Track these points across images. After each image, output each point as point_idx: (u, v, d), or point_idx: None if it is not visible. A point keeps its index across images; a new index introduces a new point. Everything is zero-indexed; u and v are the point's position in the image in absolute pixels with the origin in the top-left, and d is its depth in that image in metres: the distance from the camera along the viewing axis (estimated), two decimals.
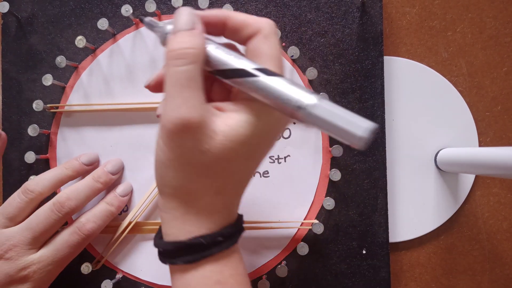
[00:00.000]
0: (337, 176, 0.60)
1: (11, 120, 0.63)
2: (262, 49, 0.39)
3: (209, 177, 0.39)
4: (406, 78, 0.65)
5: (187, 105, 0.36)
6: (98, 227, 0.57)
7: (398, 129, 0.65)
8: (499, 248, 0.65)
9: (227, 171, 0.39)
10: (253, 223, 0.61)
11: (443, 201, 0.65)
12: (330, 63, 0.62)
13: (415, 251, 0.65)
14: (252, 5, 0.62)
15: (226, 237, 0.41)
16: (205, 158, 0.38)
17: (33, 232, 0.54)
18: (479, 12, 0.66)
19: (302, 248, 0.59)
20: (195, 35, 0.38)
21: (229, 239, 0.41)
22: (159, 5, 0.62)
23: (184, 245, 0.40)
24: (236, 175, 0.41)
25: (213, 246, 0.40)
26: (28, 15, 0.63)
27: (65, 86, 0.63)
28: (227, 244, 0.41)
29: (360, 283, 0.61)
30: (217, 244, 0.40)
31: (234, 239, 0.42)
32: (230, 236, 0.41)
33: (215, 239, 0.40)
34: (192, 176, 0.39)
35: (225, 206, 0.42)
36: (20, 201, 0.55)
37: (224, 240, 0.40)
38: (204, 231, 0.40)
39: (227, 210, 0.42)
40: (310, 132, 0.61)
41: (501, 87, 0.66)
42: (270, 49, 0.39)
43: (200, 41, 0.38)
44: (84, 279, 0.61)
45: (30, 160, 0.61)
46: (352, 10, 0.62)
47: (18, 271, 0.53)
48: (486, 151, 0.53)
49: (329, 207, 0.60)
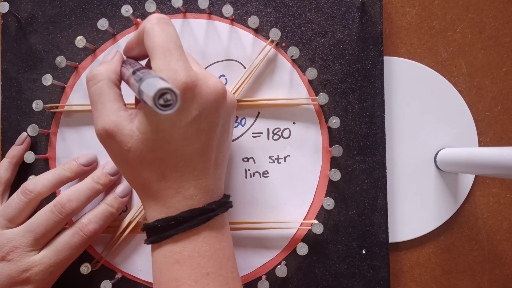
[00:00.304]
0: (336, 176, 0.60)
1: (11, 120, 0.63)
2: (146, 45, 0.44)
3: (144, 168, 0.45)
4: (406, 78, 0.65)
5: (101, 116, 0.44)
6: (100, 228, 0.57)
7: (398, 129, 0.65)
8: (498, 248, 0.65)
9: (158, 159, 0.44)
10: (252, 223, 0.61)
11: (443, 201, 0.65)
12: (330, 63, 0.62)
13: (415, 251, 0.65)
14: (252, 5, 0.62)
15: (179, 221, 0.45)
16: (132, 154, 0.44)
17: (34, 234, 0.54)
18: (479, 12, 0.66)
19: (302, 248, 0.59)
20: (103, 64, 0.47)
21: (184, 223, 0.45)
22: (159, 5, 0.62)
23: (148, 228, 0.47)
24: (169, 161, 0.45)
25: (169, 229, 0.45)
26: (28, 15, 0.63)
27: (65, 86, 0.63)
28: (183, 227, 0.45)
29: (359, 283, 0.61)
30: (172, 227, 0.45)
31: (192, 223, 0.45)
32: (185, 220, 0.45)
33: (168, 223, 0.45)
34: (134, 171, 0.46)
35: (176, 191, 0.46)
36: (19, 201, 0.55)
37: (178, 224, 0.45)
38: (161, 216, 0.46)
39: (181, 195, 0.46)
40: (310, 132, 0.61)
41: (501, 87, 0.66)
42: (150, 42, 0.43)
43: (106, 67, 0.47)
44: (84, 279, 0.61)
45: (30, 160, 0.61)
46: (352, 10, 0.62)
47: (20, 272, 0.53)
48: (486, 151, 0.53)
49: (329, 207, 0.60)
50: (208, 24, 0.62)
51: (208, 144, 0.46)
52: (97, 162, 0.62)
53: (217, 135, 0.47)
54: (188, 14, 0.62)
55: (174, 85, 0.41)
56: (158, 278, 0.47)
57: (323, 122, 0.61)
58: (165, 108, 0.36)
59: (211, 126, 0.45)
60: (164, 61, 0.42)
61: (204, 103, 0.44)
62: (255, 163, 0.62)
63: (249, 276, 0.61)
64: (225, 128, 0.49)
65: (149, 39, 0.44)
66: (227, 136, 0.50)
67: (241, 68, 0.62)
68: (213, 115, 0.45)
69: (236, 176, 0.62)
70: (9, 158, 0.61)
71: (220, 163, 0.49)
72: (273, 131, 0.62)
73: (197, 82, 0.43)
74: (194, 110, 0.43)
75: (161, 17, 0.44)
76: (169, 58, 0.42)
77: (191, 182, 0.46)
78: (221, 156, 0.49)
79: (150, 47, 0.43)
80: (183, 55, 0.43)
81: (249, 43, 0.62)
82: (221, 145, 0.48)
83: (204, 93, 0.43)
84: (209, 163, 0.47)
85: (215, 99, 0.45)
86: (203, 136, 0.45)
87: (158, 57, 0.42)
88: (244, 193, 0.62)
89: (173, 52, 0.43)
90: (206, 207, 0.46)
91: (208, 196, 0.47)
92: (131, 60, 0.49)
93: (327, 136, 0.62)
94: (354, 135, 0.61)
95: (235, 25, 0.62)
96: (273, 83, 0.62)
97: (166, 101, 0.36)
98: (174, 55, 0.42)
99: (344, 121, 0.62)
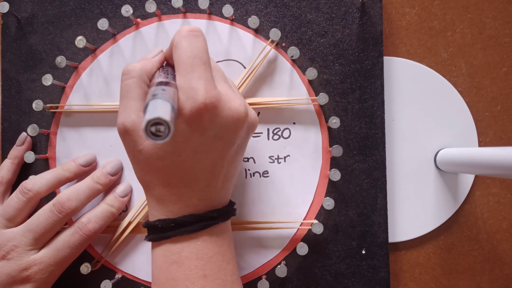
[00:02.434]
0: (336, 176, 0.60)
1: (11, 120, 0.63)
2: (173, 59, 0.44)
3: (152, 171, 0.46)
4: (406, 79, 0.65)
5: (124, 112, 0.45)
6: (99, 227, 0.57)
7: (398, 129, 0.65)
8: (498, 248, 0.66)
9: (165, 168, 0.45)
10: (252, 223, 0.61)
11: (443, 201, 0.65)
12: (330, 64, 0.62)
13: (415, 251, 0.65)
14: (253, 5, 0.62)
15: (179, 224, 0.46)
16: (143, 156, 0.45)
17: (34, 233, 0.54)
18: (479, 13, 0.66)
19: (302, 248, 0.59)
20: (141, 61, 0.47)
21: (183, 227, 0.46)
22: (159, 6, 0.62)
23: (149, 226, 0.48)
24: (176, 172, 0.45)
25: (169, 230, 0.46)
26: (28, 15, 0.63)
27: (65, 86, 0.63)
28: (182, 231, 0.46)
29: (359, 283, 0.61)
30: (172, 229, 0.46)
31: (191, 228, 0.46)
32: (185, 224, 0.46)
33: (168, 224, 0.46)
34: (142, 170, 0.47)
35: (179, 199, 0.46)
36: (18, 201, 0.56)
37: (177, 226, 0.46)
38: (162, 217, 0.47)
39: (183, 203, 0.46)
40: (310, 132, 0.62)
41: (500, 87, 0.66)
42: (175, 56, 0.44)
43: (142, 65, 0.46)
44: (84, 279, 0.61)
45: (30, 160, 0.61)
46: (352, 11, 0.62)
47: (20, 271, 0.53)
48: (485, 151, 0.53)
49: (329, 207, 0.60)
50: (208, 24, 0.62)
51: (219, 162, 0.46)
52: (96, 163, 0.62)
53: (231, 154, 0.47)
54: (188, 14, 0.62)
55: (192, 104, 0.41)
56: (157, 277, 0.47)
57: (323, 122, 0.62)
58: (154, 137, 0.36)
59: (226, 146, 0.45)
60: (185, 79, 0.42)
61: (222, 125, 0.44)
62: (255, 163, 0.62)
63: (249, 276, 0.61)
64: (240, 148, 0.49)
65: (175, 52, 0.44)
66: (241, 154, 0.50)
67: (241, 68, 0.62)
68: (230, 136, 0.45)
69: None
70: (11, 159, 0.61)
71: (230, 178, 0.49)
72: (273, 131, 0.62)
73: (217, 104, 0.42)
74: (210, 130, 0.43)
75: (191, 29, 0.44)
76: (191, 75, 0.42)
77: (195, 193, 0.46)
78: (231, 171, 0.49)
79: (176, 61, 0.44)
80: (208, 71, 0.43)
81: (249, 43, 0.62)
82: (233, 162, 0.48)
83: (223, 114, 0.43)
84: (217, 178, 0.47)
85: (234, 122, 0.44)
86: (215, 155, 0.45)
87: (180, 74, 0.43)
88: (244, 193, 0.62)
89: (196, 68, 0.42)
90: (207, 215, 0.47)
91: (211, 205, 0.48)
92: (171, 69, 0.48)
93: (327, 136, 0.62)
94: (354, 135, 0.62)
95: (235, 25, 0.62)
96: (273, 83, 0.62)
97: (158, 131, 0.35)
98: (196, 72, 0.42)
99: (344, 121, 0.62)
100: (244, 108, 0.45)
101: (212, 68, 0.45)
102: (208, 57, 0.44)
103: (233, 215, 0.51)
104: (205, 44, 0.45)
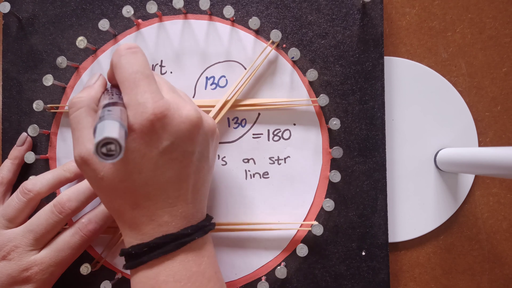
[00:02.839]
0: (337, 178, 0.60)
1: (11, 120, 0.63)
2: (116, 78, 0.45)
3: (118, 196, 0.45)
4: (406, 79, 0.65)
5: (78, 143, 0.45)
6: (100, 228, 0.57)
7: (398, 129, 0.65)
8: (498, 248, 0.66)
9: (129, 189, 0.44)
10: (252, 224, 0.61)
11: (443, 201, 0.65)
12: (331, 65, 0.62)
13: (415, 251, 0.66)
14: (253, 6, 0.62)
15: (153, 247, 0.45)
16: (105, 182, 0.44)
17: (34, 233, 0.54)
18: (479, 13, 0.66)
19: (302, 249, 0.59)
20: (85, 90, 0.48)
21: (158, 249, 0.45)
22: (160, 6, 0.62)
23: (124, 254, 0.47)
24: (141, 190, 0.44)
25: (143, 255, 0.45)
26: (29, 15, 0.63)
27: (66, 87, 0.63)
28: (157, 254, 0.45)
29: (359, 284, 0.61)
30: (145, 254, 0.45)
31: (165, 249, 0.45)
32: (159, 246, 0.45)
33: (142, 249, 0.45)
34: (108, 197, 0.46)
35: (150, 219, 0.45)
36: (18, 201, 0.56)
37: (151, 250, 0.45)
38: (136, 242, 0.46)
39: (155, 222, 0.45)
40: (310, 133, 0.62)
41: (500, 87, 0.66)
42: (117, 76, 0.44)
43: (86, 93, 0.47)
44: (84, 280, 0.61)
45: (30, 160, 0.61)
46: (352, 12, 0.62)
47: (20, 272, 0.54)
48: (485, 151, 0.53)
49: (329, 209, 0.60)
50: (209, 25, 0.62)
51: (183, 172, 0.45)
52: None
53: (194, 163, 0.46)
54: (189, 15, 0.62)
55: (142, 118, 0.41)
56: None
57: (323, 123, 0.62)
58: (107, 157, 0.35)
59: (185, 154, 0.45)
60: (130, 95, 0.42)
61: (175, 133, 0.43)
62: (255, 164, 0.62)
63: (248, 277, 0.61)
64: (203, 155, 0.48)
65: (117, 72, 0.44)
66: (206, 162, 0.49)
67: (242, 69, 0.62)
68: (187, 144, 0.45)
69: (236, 177, 0.62)
70: (12, 159, 0.61)
71: (200, 188, 0.49)
72: (273, 132, 0.62)
73: (167, 112, 0.42)
74: (165, 140, 0.43)
75: (127, 47, 0.45)
76: (135, 90, 0.42)
77: (165, 210, 0.45)
78: (200, 181, 0.48)
79: (119, 81, 0.44)
80: (152, 84, 0.43)
81: (250, 44, 0.62)
82: (199, 171, 0.48)
83: (175, 122, 0.43)
84: (186, 190, 0.46)
85: (188, 128, 0.44)
86: (176, 165, 0.45)
87: (125, 91, 0.43)
88: (244, 194, 0.62)
89: (139, 83, 0.43)
90: (181, 232, 0.46)
91: (185, 221, 0.47)
92: (115, 90, 0.49)
93: (327, 138, 0.62)
94: (354, 136, 0.62)
95: (236, 26, 0.62)
96: (273, 84, 0.62)
97: (109, 150, 0.35)
98: (140, 87, 0.43)
99: (344, 122, 0.62)
100: (196, 113, 0.45)
101: (157, 80, 0.46)
102: (149, 70, 0.44)
103: (210, 229, 0.50)
104: (145, 58, 0.45)
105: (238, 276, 0.61)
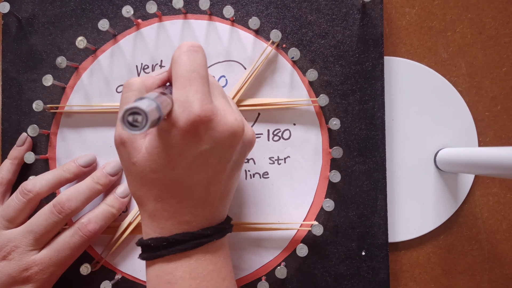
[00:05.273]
0: (337, 178, 0.60)
1: (11, 120, 0.63)
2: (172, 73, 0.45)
3: (145, 185, 0.45)
4: (406, 78, 0.65)
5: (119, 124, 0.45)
6: (100, 228, 0.57)
7: (398, 129, 0.65)
8: (498, 248, 0.66)
9: (158, 182, 0.44)
10: (252, 224, 0.61)
11: (443, 201, 0.65)
12: (331, 65, 0.62)
13: (415, 251, 0.66)
14: (253, 6, 0.62)
15: (172, 243, 0.45)
16: (136, 169, 0.44)
17: (34, 234, 0.54)
18: (479, 13, 0.66)
19: (302, 249, 0.59)
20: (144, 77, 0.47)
21: (176, 245, 0.45)
22: (160, 6, 0.62)
23: (142, 244, 0.47)
24: (169, 186, 0.45)
25: (161, 249, 0.45)
26: (28, 15, 0.63)
27: (65, 87, 0.63)
28: (174, 250, 0.45)
29: (359, 284, 0.61)
30: (164, 248, 0.45)
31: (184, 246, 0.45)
32: (178, 243, 0.45)
33: (161, 243, 0.45)
34: (135, 184, 0.46)
35: (171, 215, 0.45)
36: (18, 202, 0.56)
37: (169, 245, 0.45)
38: (155, 235, 0.46)
39: (176, 219, 0.46)
40: (310, 133, 0.62)
41: (500, 87, 0.66)
42: (174, 71, 0.44)
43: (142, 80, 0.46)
44: (83, 280, 0.61)
45: (30, 160, 0.61)
46: (352, 12, 0.62)
47: (21, 272, 0.54)
48: (485, 151, 0.53)
49: (329, 209, 0.60)
50: (209, 25, 0.62)
51: (214, 177, 0.45)
52: (96, 163, 0.62)
53: (227, 170, 0.46)
54: (189, 15, 0.62)
55: (188, 117, 0.41)
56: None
57: (323, 123, 0.62)
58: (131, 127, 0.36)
59: (221, 161, 0.45)
60: (182, 92, 0.42)
61: (217, 139, 0.43)
62: (255, 164, 0.62)
63: (248, 277, 0.61)
64: (237, 164, 0.48)
65: (174, 67, 0.44)
66: (238, 170, 0.49)
67: (242, 69, 0.62)
68: (226, 151, 0.45)
69: None
70: (11, 159, 0.61)
71: (227, 195, 0.49)
72: (273, 132, 0.62)
73: (213, 117, 0.42)
74: (205, 144, 0.43)
75: (191, 45, 0.44)
76: (188, 88, 0.42)
77: (189, 209, 0.45)
78: (229, 188, 0.48)
79: (174, 75, 0.43)
80: (205, 86, 0.43)
81: (250, 44, 0.62)
82: (230, 179, 0.48)
83: (219, 129, 0.43)
84: (214, 194, 0.46)
85: (230, 137, 0.44)
86: (209, 169, 0.44)
87: (177, 87, 0.42)
88: (244, 194, 0.62)
89: (193, 82, 0.42)
90: (200, 232, 0.46)
91: (206, 222, 0.47)
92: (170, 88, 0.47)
93: (327, 138, 0.62)
94: (354, 136, 0.62)
95: (235, 26, 0.62)
96: (273, 84, 0.62)
97: (135, 121, 0.35)
98: (193, 86, 0.42)
99: (344, 122, 0.62)
100: (241, 123, 0.45)
101: (210, 83, 0.45)
102: (206, 72, 0.44)
103: (229, 231, 0.50)
104: (204, 59, 0.45)
105: (238, 276, 0.61)
